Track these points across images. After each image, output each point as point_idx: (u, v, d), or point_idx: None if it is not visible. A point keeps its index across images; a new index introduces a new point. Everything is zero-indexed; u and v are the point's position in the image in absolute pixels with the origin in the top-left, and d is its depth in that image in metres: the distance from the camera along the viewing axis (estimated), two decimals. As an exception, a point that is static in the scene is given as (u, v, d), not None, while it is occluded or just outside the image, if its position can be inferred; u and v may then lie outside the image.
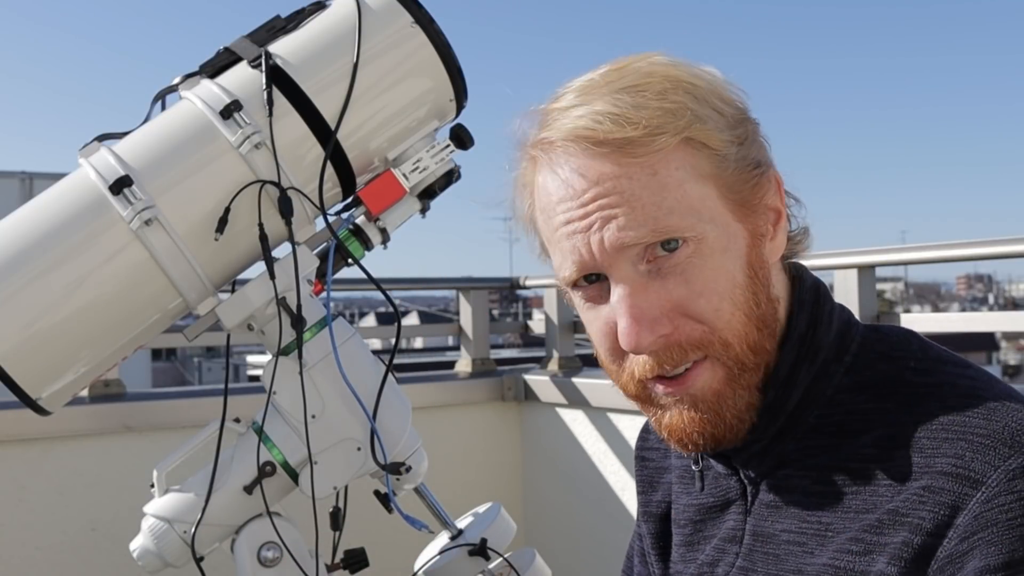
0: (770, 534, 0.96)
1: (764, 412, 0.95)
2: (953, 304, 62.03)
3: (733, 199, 0.92)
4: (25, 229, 1.23)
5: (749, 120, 0.96)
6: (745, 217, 0.93)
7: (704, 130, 0.90)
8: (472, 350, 3.27)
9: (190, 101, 1.28)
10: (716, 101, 0.92)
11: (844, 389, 0.95)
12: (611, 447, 2.82)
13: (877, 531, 0.86)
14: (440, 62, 1.33)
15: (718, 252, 0.91)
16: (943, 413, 0.87)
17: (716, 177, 0.91)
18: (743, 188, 0.92)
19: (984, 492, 0.80)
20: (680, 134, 0.89)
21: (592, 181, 0.90)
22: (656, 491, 1.18)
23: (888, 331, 0.99)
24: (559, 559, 2.25)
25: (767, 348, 0.94)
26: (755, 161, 0.94)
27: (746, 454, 0.98)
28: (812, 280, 1.01)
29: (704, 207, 0.90)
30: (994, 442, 0.82)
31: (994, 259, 2.67)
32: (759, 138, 0.96)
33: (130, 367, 1.97)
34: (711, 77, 0.95)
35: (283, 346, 1.27)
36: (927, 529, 0.82)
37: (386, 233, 1.36)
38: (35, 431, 2.38)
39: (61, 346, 1.23)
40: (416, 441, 1.33)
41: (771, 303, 0.94)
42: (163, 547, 1.27)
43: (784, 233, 0.98)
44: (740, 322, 0.91)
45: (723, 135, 0.91)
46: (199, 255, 1.24)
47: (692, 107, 0.90)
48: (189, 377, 26.24)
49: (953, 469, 0.82)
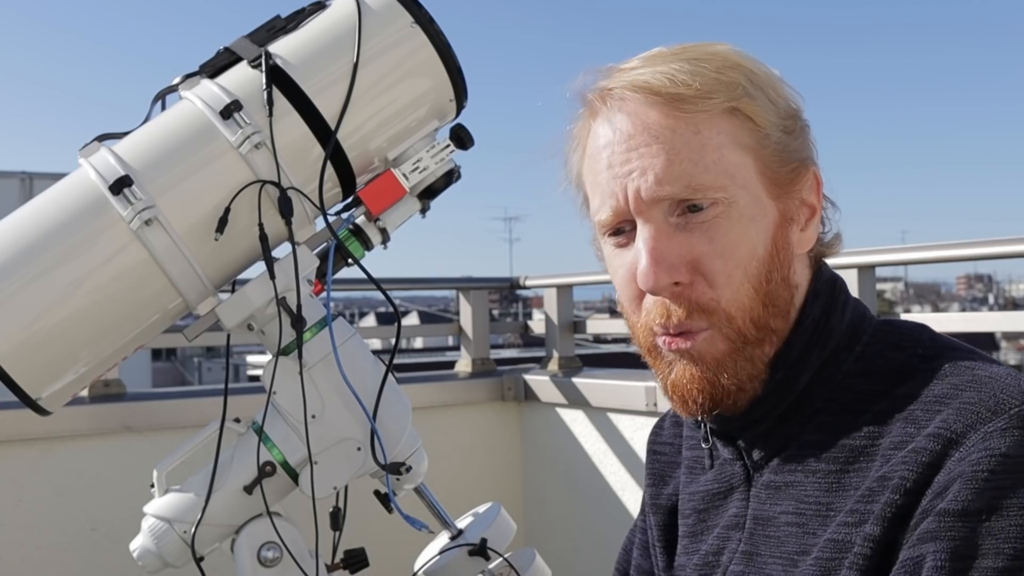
0: (769, 517, 0.97)
1: (772, 392, 0.97)
2: (953, 304, 62.06)
3: (769, 177, 0.97)
4: (25, 229, 1.23)
5: (800, 118, 1.01)
6: (778, 197, 0.98)
7: (752, 105, 0.96)
8: (472, 350, 3.28)
9: (190, 101, 1.28)
10: (770, 90, 0.98)
11: (852, 375, 0.97)
12: (611, 447, 2.82)
13: (868, 499, 0.87)
14: (440, 62, 1.33)
15: (746, 219, 0.95)
16: (939, 387, 0.89)
17: (756, 151, 0.96)
18: (780, 170, 0.97)
19: (961, 451, 0.82)
20: (729, 103, 0.95)
21: (639, 127, 0.96)
22: (667, 485, 1.19)
23: (900, 324, 1.02)
24: (559, 559, 2.25)
25: (772, 327, 0.97)
26: (798, 153, 0.99)
27: (752, 435, 1.00)
28: (830, 274, 1.05)
29: (739, 174, 0.95)
30: (978, 407, 0.85)
31: (994, 259, 2.67)
32: (807, 138, 1.02)
33: (130, 367, 1.97)
34: (771, 71, 1.00)
35: (283, 346, 1.27)
36: (908, 488, 0.84)
37: (386, 233, 1.36)
38: (35, 431, 2.39)
39: (61, 346, 1.23)
40: (416, 441, 1.33)
41: (787, 286, 0.98)
42: (163, 547, 1.27)
43: (816, 229, 1.02)
44: (747, 295, 0.95)
45: (770, 117, 0.97)
46: (199, 255, 1.24)
47: (745, 85, 0.96)
48: (189, 377, 26.25)
49: (935, 431, 0.85)
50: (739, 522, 1.01)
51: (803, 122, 1.01)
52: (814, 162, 1.02)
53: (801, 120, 1.01)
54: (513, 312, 24.62)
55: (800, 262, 1.01)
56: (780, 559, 0.95)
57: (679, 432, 1.20)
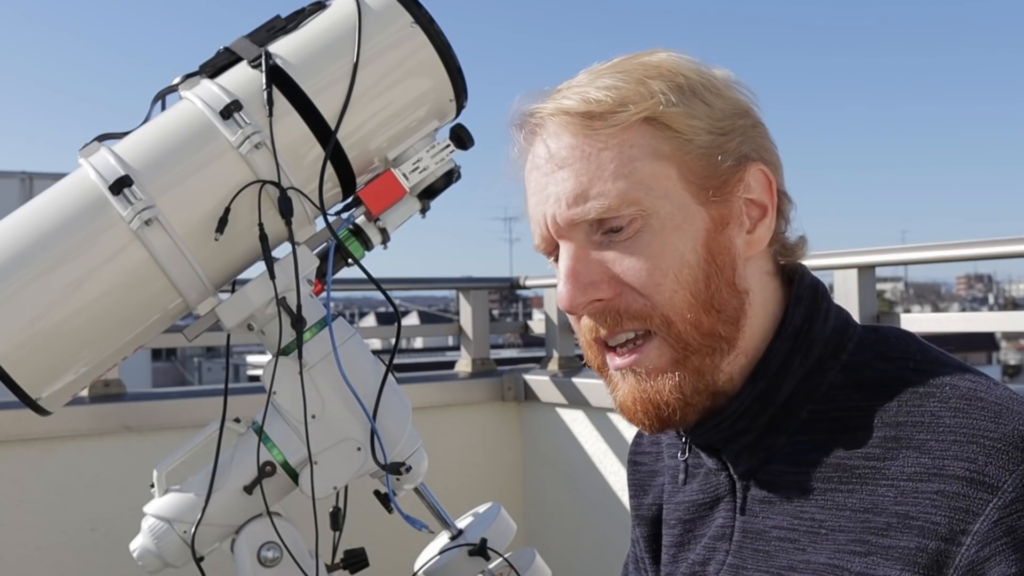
0: (760, 531, 0.96)
1: (754, 402, 0.95)
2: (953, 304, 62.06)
3: (695, 183, 0.94)
4: (25, 229, 1.23)
5: (745, 117, 0.98)
6: (708, 202, 0.95)
7: (670, 113, 0.93)
8: (472, 350, 3.28)
9: (190, 101, 1.28)
10: (705, 93, 0.95)
11: (839, 386, 0.95)
12: (611, 447, 2.82)
13: (883, 533, 0.85)
14: (440, 62, 1.33)
15: (669, 229, 0.94)
16: (947, 415, 0.86)
17: (677, 158, 0.94)
18: (709, 174, 0.95)
19: (1001, 498, 0.80)
20: (641, 113, 0.93)
21: (552, 153, 0.96)
22: (647, 494, 1.18)
23: (886, 332, 0.99)
24: (559, 559, 2.25)
25: (721, 333, 0.95)
26: (736, 153, 0.95)
27: (736, 446, 0.98)
28: (811, 279, 1.02)
29: (657, 184, 0.93)
30: (1006, 446, 0.82)
31: (994, 259, 2.67)
32: (754, 136, 0.98)
33: (130, 367, 1.97)
34: (709, 74, 0.97)
35: (283, 346, 1.27)
36: (941, 534, 0.81)
37: (386, 233, 1.36)
38: (35, 431, 2.39)
39: (61, 346, 1.23)
40: (416, 441, 1.33)
41: (734, 292, 0.95)
42: (163, 547, 1.27)
43: (768, 230, 0.98)
44: (684, 300, 0.93)
45: (696, 122, 0.94)
46: (199, 255, 1.24)
47: (667, 93, 0.94)
48: (189, 377, 26.26)
49: (967, 474, 0.82)
50: (726, 533, 1.00)
51: (749, 120, 0.98)
52: (763, 160, 0.98)
53: (747, 118, 0.98)
54: (513, 312, 24.63)
55: (753, 266, 0.98)
56: (767, 573, 0.94)
57: (658, 440, 1.18)
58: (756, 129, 0.99)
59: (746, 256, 0.97)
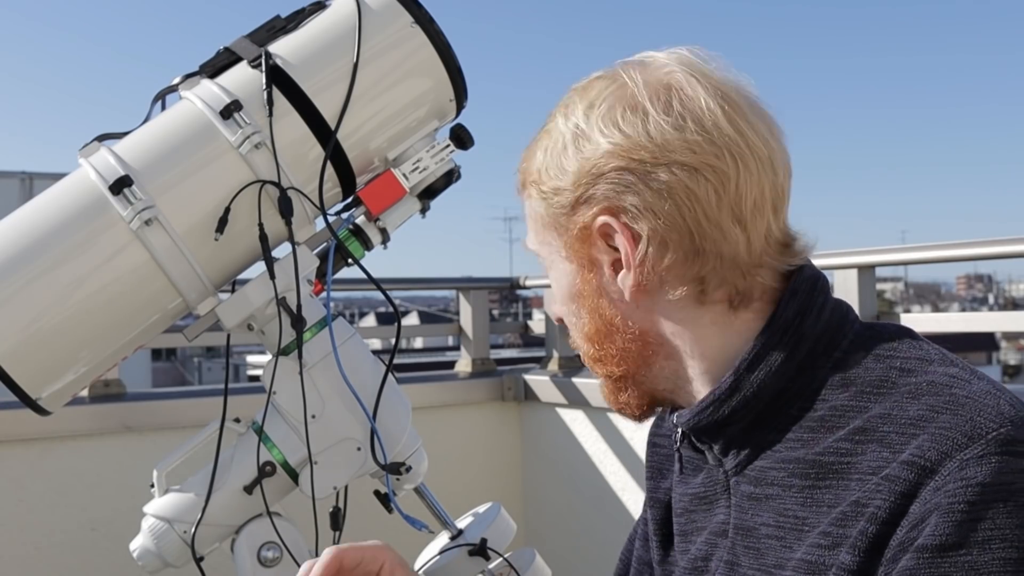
0: (750, 527, 0.96)
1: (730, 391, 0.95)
2: (953, 304, 62.07)
3: (560, 237, 1.01)
4: (25, 229, 1.23)
5: (592, 177, 0.96)
6: (572, 255, 1.00)
7: (531, 181, 1.02)
8: (472, 350, 3.27)
9: (190, 101, 1.28)
10: (567, 158, 0.99)
11: (830, 385, 0.94)
12: (611, 447, 2.82)
13: (842, 523, 0.86)
14: (440, 62, 1.33)
15: (554, 268, 1.04)
16: (912, 407, 0.87)
17: (542, 219, 1.02)
18: (564, 233, 1.00)
19: (936, 480, 0.80)
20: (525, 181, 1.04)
21: None
22: (665, 479, 1.19)
23: (883, 329, 0.99)
24: (559, 559, 2.25)
25: (607, 359, 1.02)
26: (568, 209, 0.98)
27: (723, 439, 0.99)
28: (811, 272, 1.01)
29: (537, 238, 1.04)
30: (954, 432, 0.82)
31: (994, 259, 2.67)
32: (595, 194, 0.96)
33: (130, 367, 1.97)
34: (574, 134, 0.98)
35: (283, 346, 1.27)
36: (882, 518, 0.82)
37: (386, 233, 1.36)
38: (35, 431, 2.38)
39: (61, 346, 1.23)
40: (416, 441, 1.33)
41: (605, 324, 1.00)
42: (163, 547, 1.27)
43: (633, 276, 0.95)
44: (576, 329, 1.04)
45: (547, 185, 1.00)
46: (199, 255, 1.24)
47: (539, 159, 1.01)
48: (189, 377, 26.25)
49: (910, 458, 0.83)
50: (724, 529, 1.01)
51: (596, 180, 0.96)
52: (612, 207, 0.96)
53: (592, 179, 0.96)
54: (513, 312, 24.59)
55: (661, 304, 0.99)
56: (759, 570, 0.94)
57: None
58: (603, 187, 0.96)
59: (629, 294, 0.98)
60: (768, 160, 0.94)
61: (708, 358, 0.98)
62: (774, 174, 0.95)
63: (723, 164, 0.92)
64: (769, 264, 0.97)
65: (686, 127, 0.93)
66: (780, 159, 0.96)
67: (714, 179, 0.92)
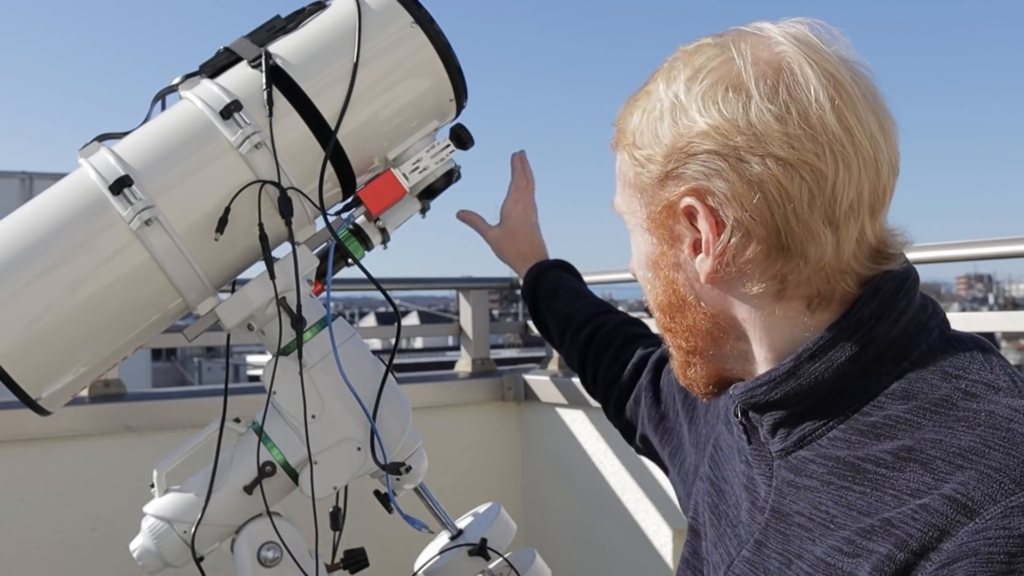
0: (786, 513, 0.96)
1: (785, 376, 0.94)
2: (953, 304, 62.00)
3: (645, 207, 1.00)
4: (25, 229, 1.23)
5: (683, 155, 0.93)
6: (653, 227, 0.99)
7: (626, 143, 1.00)
8: (472, 350, 3.27)
9: (190, 101, 1.28)
10: (662, 127, 0.95)
11: (891, 394, 0.91)
12: (611, 447, 2.82)
13: (869, 536, 0.85)
14: (440, 62, 1.33)
15: (636, 233, 1.03)
16: (966, 438, 0.84)
17: (631, 183, 1.01)
18: (650, 203, 0.99)
19: (977, 523, 0.78)
20: (618, 139, 1.02)
21: None
22: (697, 409, 1.25)
23: (959, 343, 0.94)
24: (559, 559, 2.25)
25: (678, 331, 1.01)
26: (656, 181, 0.96)
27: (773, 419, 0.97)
28: (903, 270, 0.95)
29: (623, 200, 1.03)
30: (1002, 476, 0.79)
31: (994, 259, 2.66)
32: (685, 173, 0.93)
33: (130, 367, 1.97)
34: (671, 96, 0.95)
35: (283, 346, 1.27)
36: (912, 547, 0.80)
37: (386, 233, 1.36)
38: (35, 431, 2.38)
39: (61, 346, 1.23)
40: (416, 441, 1.33)
41: (678, 299, 0.99)
42: (163, 547, 1.27)
43: (712, 262, 0.93)
44: (650, 296, 1.04)
45: (639, 152, 0.98)
46: (199, 255, 1.24)
47: (636, 120, 0.99)
48: (189, 377, 26.23)
49: (953, 494, 0.80)
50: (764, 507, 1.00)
51: (690, 160, 0.92)
52: (700, 189, 0.93)
53: (690, 159, 0.92)
54: (513, 312, 24.52)
55: (735, 289, 0.96)
56: (780, 556, 0.95)
57: None
58: (699, 169, 0.93)
59: (701, 280, 0.97)
60: (872, 160, 0.89)
61: (776, 348, 0.96)
62: (876, 175, 0.90)
63: (822, 163, 0.87)
64: (856, 270, 0.93)
65: (789, 119, 0.87)
66: (886, 158, 0.91)
67: (810, 178, 0.87)
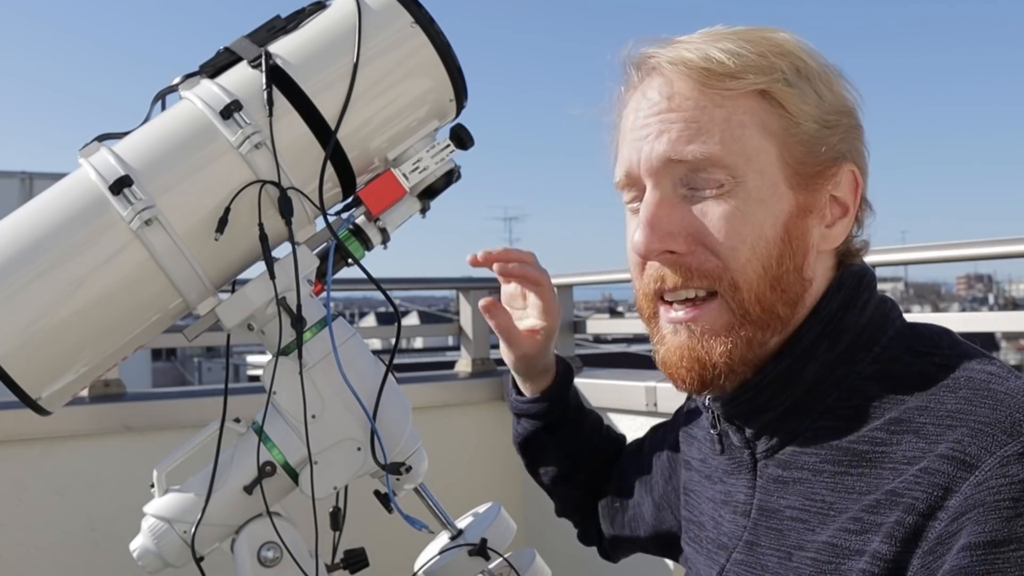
0: (775, 509, 0.97)
1: (776, 379, 0.97)
2: (953, 304, 62.02)
3: (792, 166, 0.96)
4: (25, 229, 1.23)
5: (849, 116, 1.00)
6: (799, 187, 0.97)
7: (786, 92, 0.95)
8: (472, 350, 3.27)
9: (190, 101, 1.28)
10: (819, 84, 0.97)
11: (867, 377, 0.96)
12: (611, 447, 2.82)
13: (874, 511, 0.87)
14: (440, 62, 1.33)
15: (754, 201, 0.95)
16: (951, 401, 0.88)
17: (781, 138, 0.96)
18: (806, 162, 0.97)
19: (977, 475, 0.81)
20: (758, 85, 0.95)
21: (665, 96, 0.98)
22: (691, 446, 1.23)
23: (923, 328, 1.00)
24: (559, 559, 2.25)
25: (779, 313, 0.97)
26: (835, 149, 0.98)
27: (758, 423, 0.99)
28: (860, 268, 1.03)
29: (757, 157, 0.95)
30: (994, 429, 0.83)
31: (994, 259, 2.66)
32: (853, 138, 1.00)
33: (130, 367, 1.97)
34: (827, 66, 1.00)
35: (283, 346, 1.27)
36: (920, 509, 0.83)
37: (386, 233, 1.36)
38: (35, 431, 2.38)
39: (61, 346, 1.23)
40: (416, 441, 1.33)
41: (800, 278, 0.97)
42: (163, 547, 1.27)
43: (845, 229, 1.01)
44: (754, 271, 0.96)
45: (806, 107, 0.96)
46: (199, 255, 1.24)
47: (786, 72, 0.96)
48: (189, 377, 26.23)
49: (950, 452, 0.84)
50: (747, 510, 1.02)
51: (852, 120, 1.00)
52: (855, 162, 1.00)
53: (850, 118, 1.00)
54: (513, 312, 24.48)
55: (823, 259, 1.01)
56: (777, 551, 0.96)
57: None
58: (856, 131, 1.01)
59: (820, 248, 0.99)
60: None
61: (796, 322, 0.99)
62: None
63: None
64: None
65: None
66: None
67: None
